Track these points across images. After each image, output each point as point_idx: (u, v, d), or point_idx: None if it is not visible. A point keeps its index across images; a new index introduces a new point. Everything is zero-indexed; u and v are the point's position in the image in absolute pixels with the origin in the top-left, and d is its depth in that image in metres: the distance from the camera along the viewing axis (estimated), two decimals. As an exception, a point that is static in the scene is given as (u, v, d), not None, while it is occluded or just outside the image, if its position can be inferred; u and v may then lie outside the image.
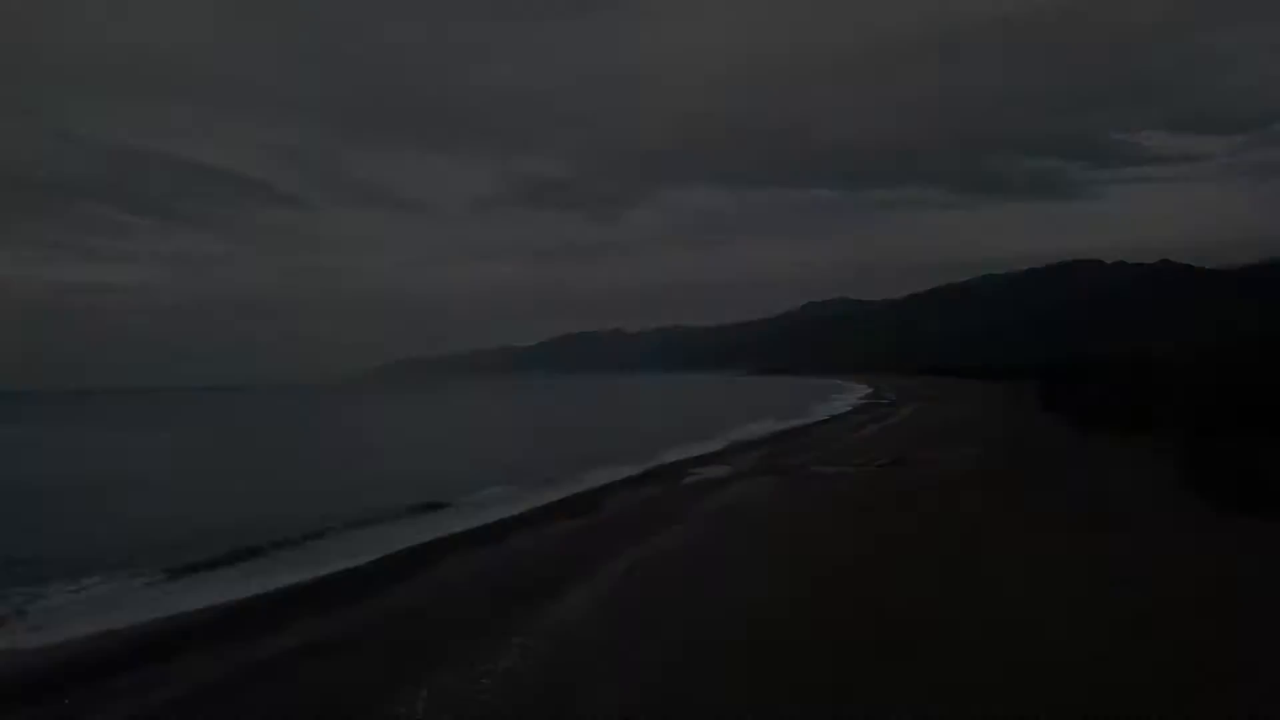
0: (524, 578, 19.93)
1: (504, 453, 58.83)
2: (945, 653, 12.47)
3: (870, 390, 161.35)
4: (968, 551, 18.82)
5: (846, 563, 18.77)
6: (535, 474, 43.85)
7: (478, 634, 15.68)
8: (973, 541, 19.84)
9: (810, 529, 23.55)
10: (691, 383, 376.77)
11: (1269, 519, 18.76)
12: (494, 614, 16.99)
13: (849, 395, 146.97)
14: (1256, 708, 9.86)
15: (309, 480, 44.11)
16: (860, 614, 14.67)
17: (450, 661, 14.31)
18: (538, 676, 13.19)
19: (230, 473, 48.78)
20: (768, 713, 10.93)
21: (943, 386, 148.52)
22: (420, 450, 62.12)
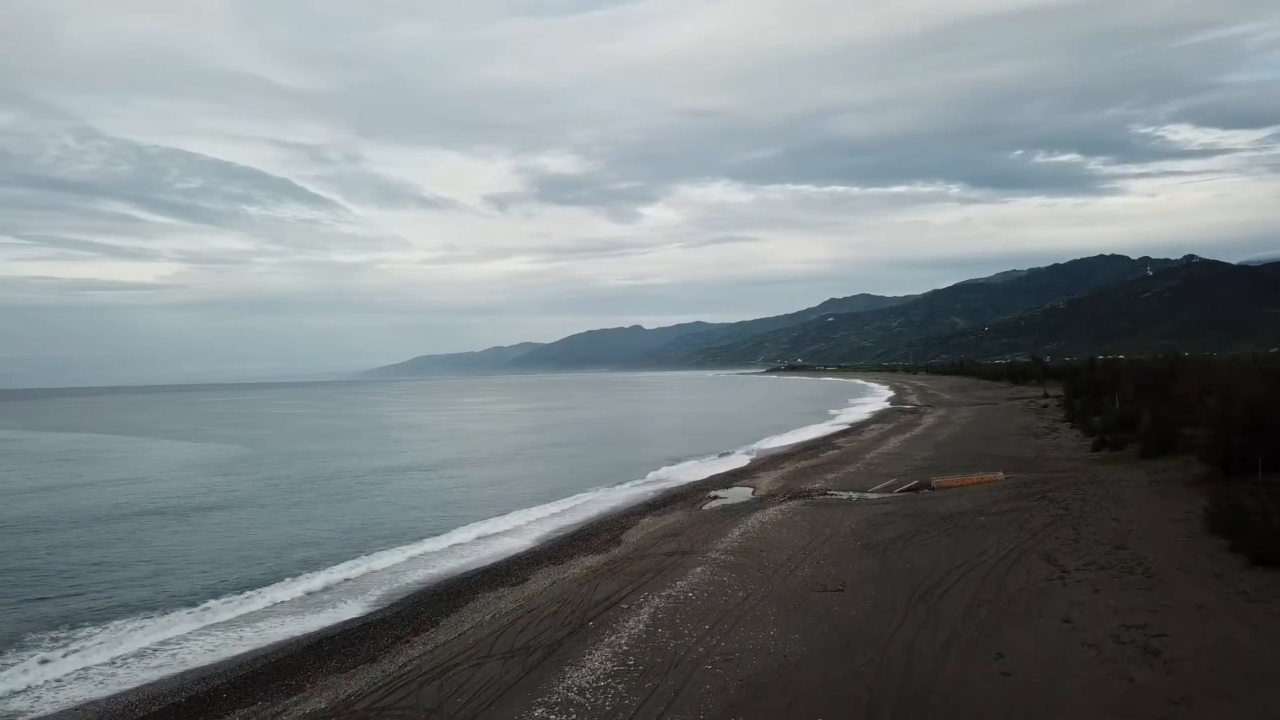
0: (545, 631, 19.88)
1: (528, 468, 58.84)
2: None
3: (892, 393, 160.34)
4: (988, 609, 18.63)
5: (862, 620, 18.62)
6: (558, 492, 43.99)
7: (500, 702, 15.69)
8: (992, 596, 19.64)
9: (829, 572, 23.35)
10: (712, 382, 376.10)
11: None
12: (515, 677, 16.97)
13: (870, 399, 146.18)
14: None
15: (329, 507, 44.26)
16: (869, 687, 14.54)
17: (473, 735, 14.32)
18: (560, 761, 13.15)
19: (260, 499, 49.05)
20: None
21: (965, 390, 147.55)
22: (439, 468, 62.26)
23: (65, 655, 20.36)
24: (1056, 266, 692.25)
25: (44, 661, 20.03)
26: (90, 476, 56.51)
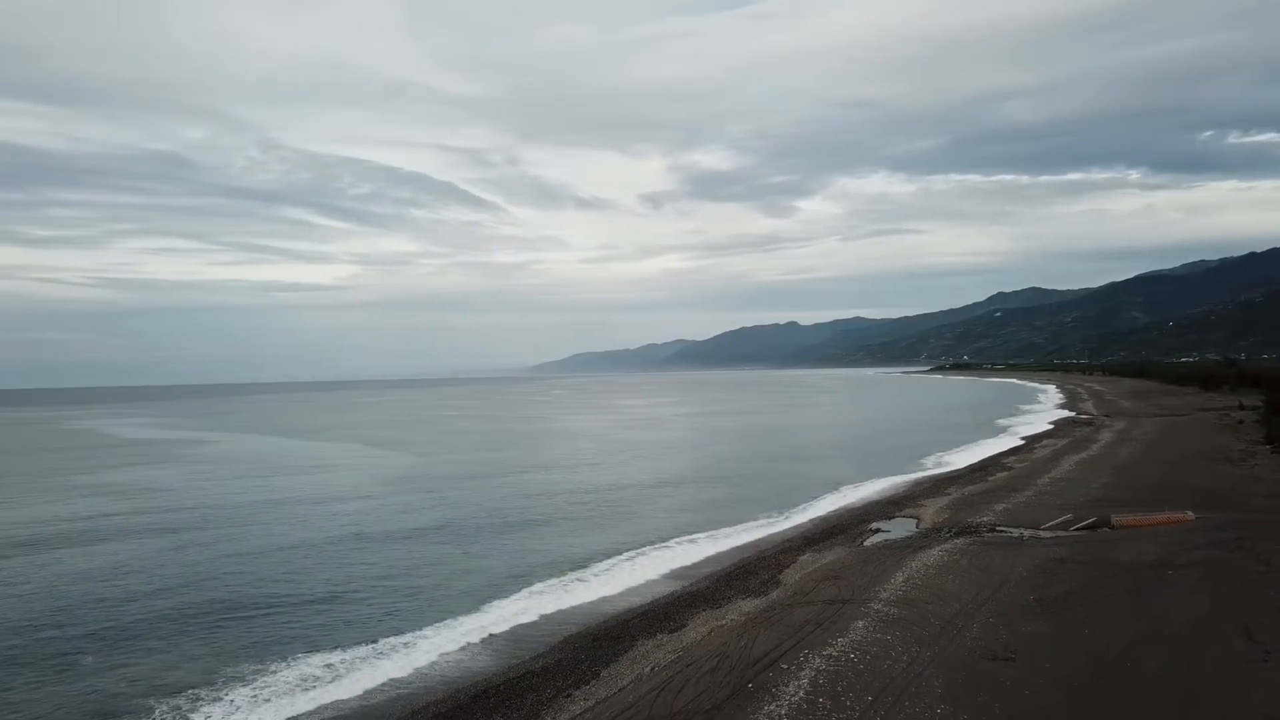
0: (704, 693, 19.79)
1: (688, 489, 58.97)
2: None
3: (1064, 399, 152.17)
4: (1177, 697, 17.33)
5: (1035, 701, 17.66)
6: (717, 520, 43.74)
7: (660, 779, 15.73)
8: (1181, 679, 18.24)
9: (999, 635, 22.29)
10: (872, 382, 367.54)
11: None
12: (675, 748, 16.99)
13: (1041, 406, 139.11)
14: None
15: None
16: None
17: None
18: None
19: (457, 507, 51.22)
20: None
21: (1146, 396, 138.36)
22: (599, 487, 63.23)
23: (253, 696, 21.78)
24: (1253, 255, 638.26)
25: (252, 700, 21.52)
26: (274, 491, 60.33)
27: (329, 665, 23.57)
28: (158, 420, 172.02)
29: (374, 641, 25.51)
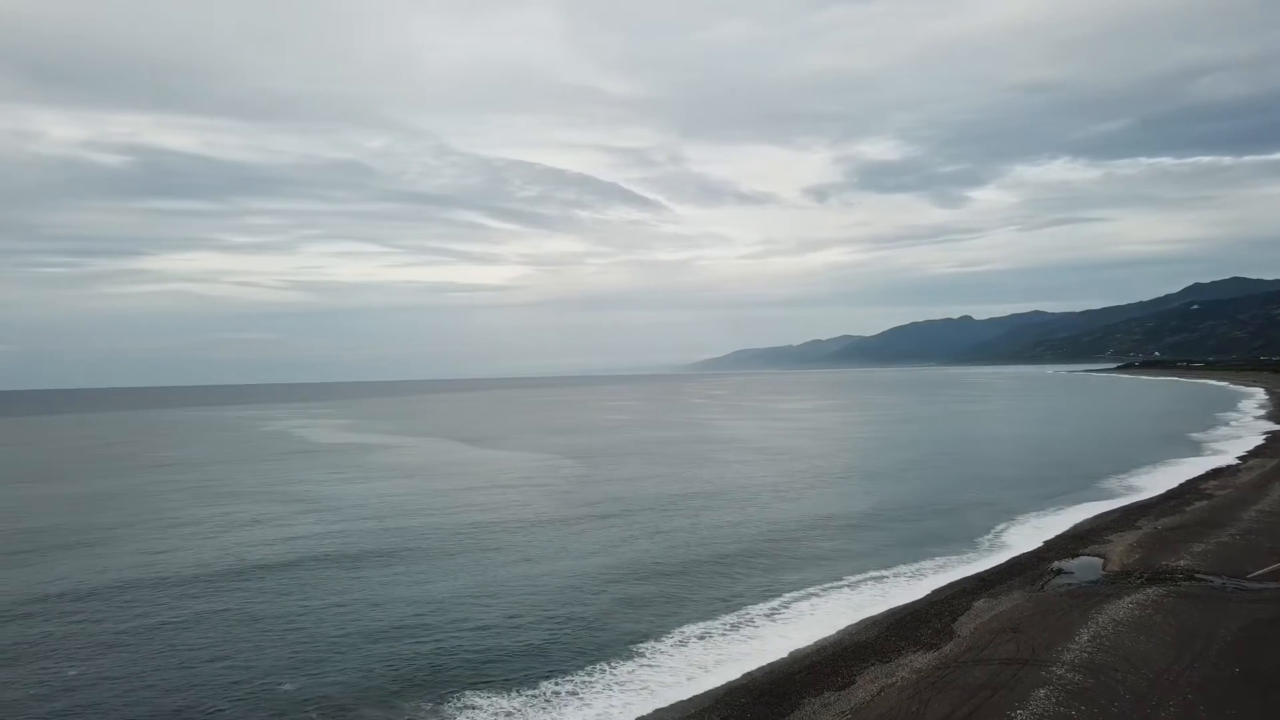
0: (874, 770, 19.26)
1: (860, 520, 57.74)
2: None
3: (1273, 406, 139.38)
4: None
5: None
6: (891, 558, 42.14)
7: None
8: None
9: (1200, 718, 20.61)
10: (1051, 382, 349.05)
11: None
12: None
13: (1244, 417, 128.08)
14: None
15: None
16: None
17: None
18: None
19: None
20: None
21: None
22: (765, 518, 62.68)
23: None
24: None
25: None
26: (451, 511, 62.83)
27: (505, 713, 24.19)
28: (344, 423, 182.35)
29: (535, 686, 25.92)
